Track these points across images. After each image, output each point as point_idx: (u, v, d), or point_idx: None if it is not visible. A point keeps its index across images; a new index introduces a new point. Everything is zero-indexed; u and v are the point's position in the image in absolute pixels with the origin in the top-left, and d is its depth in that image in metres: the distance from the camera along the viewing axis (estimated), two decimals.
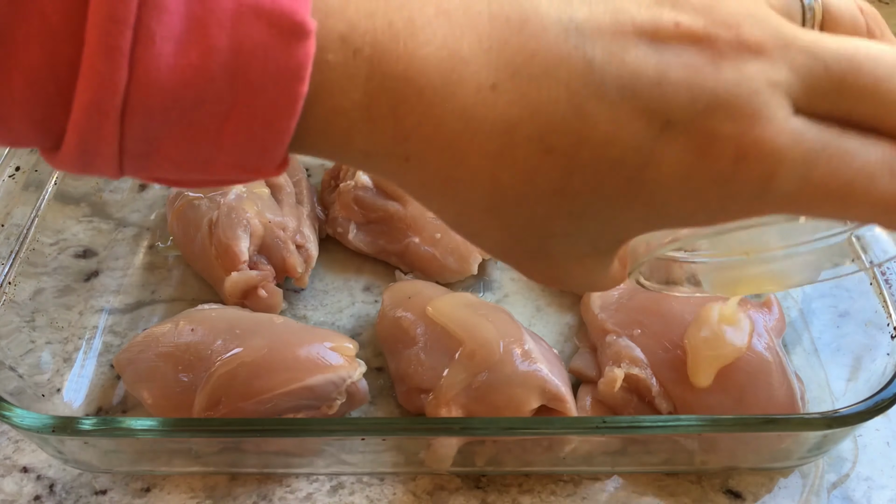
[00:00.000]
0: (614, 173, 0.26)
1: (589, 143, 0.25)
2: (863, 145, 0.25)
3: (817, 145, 0.25)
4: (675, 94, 0.25)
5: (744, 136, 0.25)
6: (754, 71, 0.25)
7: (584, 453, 0.44)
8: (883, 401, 0.40)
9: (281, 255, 0.53)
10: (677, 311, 0.47)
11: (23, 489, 0.46)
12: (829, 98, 0.25)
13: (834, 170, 0.25)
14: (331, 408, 0.44)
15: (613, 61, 0.25)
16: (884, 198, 0.25)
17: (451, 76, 0.25)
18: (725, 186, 0.25)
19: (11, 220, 0.51)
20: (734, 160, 0.25)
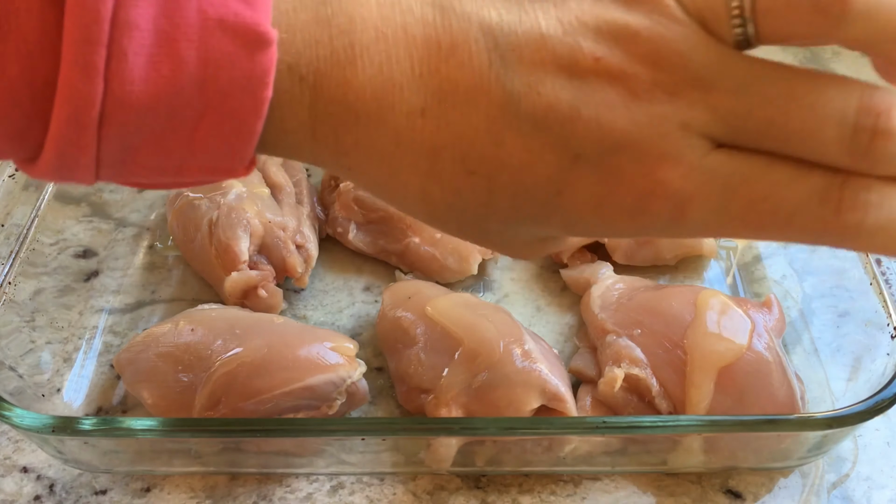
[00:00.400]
0: (530, 197, 0.27)
1: (506, 169, 0.27)
2: (791, 177, 0.26)
3: (736, 179, 0.26)
4: (586, 130, 0.26)
5: (650, 176, 0.26)
6: (667, 112, 0.25)
7: (584, 453, 0.44)
8: (883, 401, 0.40)
9: (281, 255, 0.53)
10: (677, 311, 0.47)
11: (23, 489, 0.46)
12: (752, 134, 0.26)
13: (752, 203, 0.26)
14: (331, 408, 0.44)
15: (530, 94, 0.26)
16: (806, 226, 0.26)
17: (385, 102, 0.26)
18: (636, 218, 0.27)
19: (11, 220, 0.51)
20: (641, 198, 0.26)
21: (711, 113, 0.25)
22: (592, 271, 0.54)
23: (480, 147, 0.26)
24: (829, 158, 0.26)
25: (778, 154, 0.26)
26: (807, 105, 0.25)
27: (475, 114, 0.26)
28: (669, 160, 0.25)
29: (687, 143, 0.25)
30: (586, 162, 0.26)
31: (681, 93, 0.25)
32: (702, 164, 0.26)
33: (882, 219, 0.26)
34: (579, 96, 0.25)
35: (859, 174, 0.26)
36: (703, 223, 0.27)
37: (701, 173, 0.26)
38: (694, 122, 0.25)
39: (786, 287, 0.55)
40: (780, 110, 0.25)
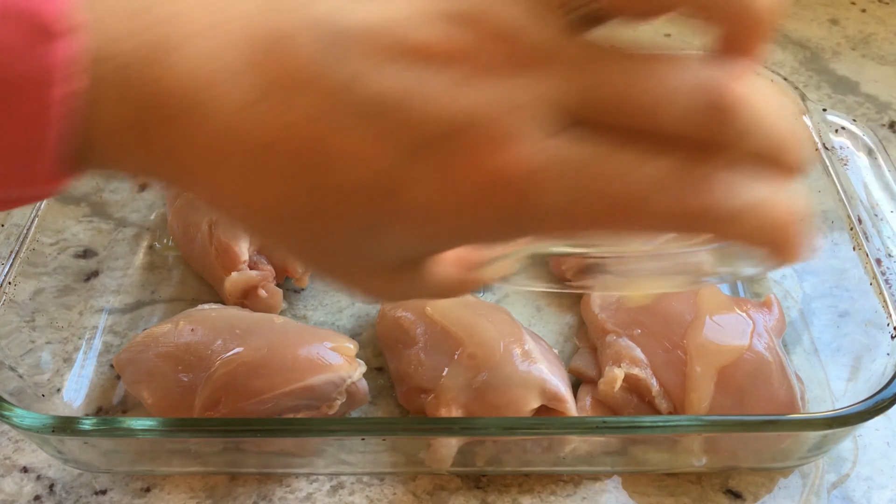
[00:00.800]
0: (363, 197, 0.25)
1: (336, 160, 0.25)
2: (642, 160, 0.24)
3: (583, 162, 0.24)
4: (423, 116, 0.24)
5: (491, 161, 0.24)
6: (508, 92, 0.24)
7: (584, 453, 0.44)
8: (883, 401, 0.40)
9: (281, 255, 0.53)
10: (677, 311, 0.47)
11: (23, 489, 0.46)
12: (606, 113, 0.24)
13: (603, 186, 0.24)
14: (331, 408, 0.44)
15: (361, 82, 0.24)
16: (662, 209, 0.24)
17: (208, 95, 0.24)
18: (484, 209, 0.25)
19: (11, 220, 0.51)
20: (483, 185, 0.24)
21: (556, 91, 0.24)
22: None
23: (312, 135, 0.24)
24: (678, 137, 0.24)
25: (627, 135, 0.24)
26: (653, 81, 0.24)
27: (306, 100, 0.24)
28: (514, 140, 0.24)
29: (532, 123, 0.24)
30: (425, 150, 0.24)
31: (522, 72, 0.24)
32: (549, 146, 0.24)
33: (734, 205, 0.25)
34: (414, 81, 0.24)
35: (710, 156, 0.25)
36: (552, 211, 0.24)
37: (551, 152, 0.24)
38: (538, 102, 0.24)
39: (786, 287, 0.55)
40: (625, 86, 0.24)
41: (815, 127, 0.55)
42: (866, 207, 0.50)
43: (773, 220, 0.26)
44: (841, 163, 0.53)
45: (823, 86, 0.74)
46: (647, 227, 0.25)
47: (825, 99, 0.72)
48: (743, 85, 0.24)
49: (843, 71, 0.75)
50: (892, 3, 0.83)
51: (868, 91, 0.73)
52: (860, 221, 0.49)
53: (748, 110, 0.24)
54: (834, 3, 0.83)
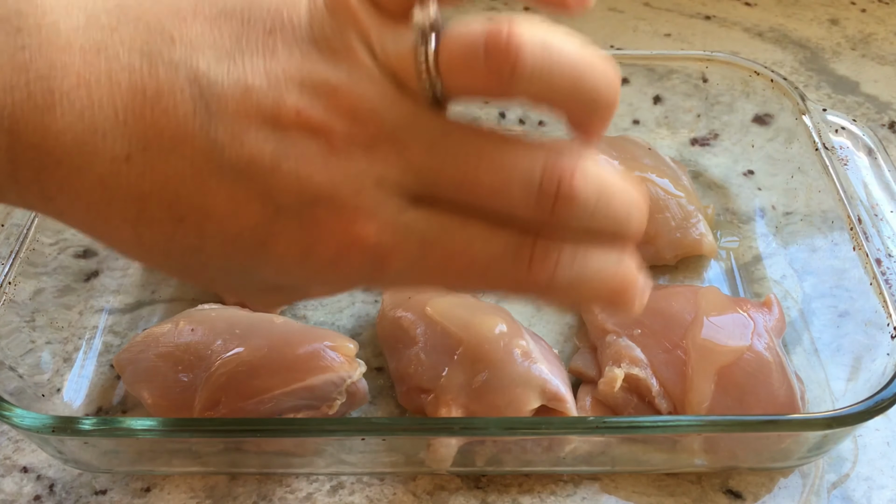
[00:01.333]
0: (239, 245, 0.28)
1: (213, 217, 0.27)
2: (485, 235, 0.27)
3: (432, 235, 0.27)
4: (286, 182, 0.26)
5: (347, 229, 0.26)
6: (362, 168, 0.26)
7: (584, 453, 0.44)
8: (883, 401, 0.40)
9: None
10: (677, 311, 0.47)
11: (22, 489, 0.46)
12: (448, 194, 0.27)
13: (449, 258, 0.27)
14: (331, 408, 0.44)
15: (233, 144, 0.26)
16: (501, 280, 0.27)
17: (87, 148, 0.26)
18: (340, 268, 0.27)
19: (11, 220, 0.51)
20: (341, 250, 0.27)
21: (406, 169, 0.26)
22: None
23: (187, 194, 0.27)
24: (520, 216, 0.27)
25: (474, 211, 0.27)
26: (496, 165, 0.26)
27: (180, 161, 0.26)
28: (365, 215, 0.26)
29: (382, 198, 0.26)
30: (288, 213, 0.26)
31: (376, 149, 0.26)
32: (398, 220, 0.27)
33: (571, 277, 0.28)
34: (281, 148, 0.26)
35: (551, 233, 0.27)
36: (403, 275, 0.28)
37: (397, 229, 0.27)
38: (389, 179, 0.26)
39: (786, 287, 0.55)
40: (469, 168, 0.26)
41: (814, 127, 0.55)
42: (866, 207, 0.50)
43: (606, 291, 0.29)
44: (841, 163, 0.53)
45: (823, 86, 0.74)
46: (485, 290, 0.29)
47: (825, 99, 0.72)
48: (581, 166, 0.27)
49: (843, 71, 0.75)
50: (893, 3, 0.83)
51: (868, 91, 0.73)
52: (860, 221, 0.49)
53: (584, 197, 0.27)
54: (834, 3, 0.83)
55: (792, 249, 0.57)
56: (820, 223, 0.54)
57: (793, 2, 0.84)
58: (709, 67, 0.62)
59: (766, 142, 0.61)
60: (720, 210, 0.61)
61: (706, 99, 0.64)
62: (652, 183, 0.56)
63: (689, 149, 0.65)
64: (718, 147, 0.65)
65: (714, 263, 0.57)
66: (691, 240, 0.55)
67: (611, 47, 0.78)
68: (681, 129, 0.66)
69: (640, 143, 0.60)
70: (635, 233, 0.29)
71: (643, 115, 0.66)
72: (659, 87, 0.66)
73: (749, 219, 0.60)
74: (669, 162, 0.59)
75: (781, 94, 0.58)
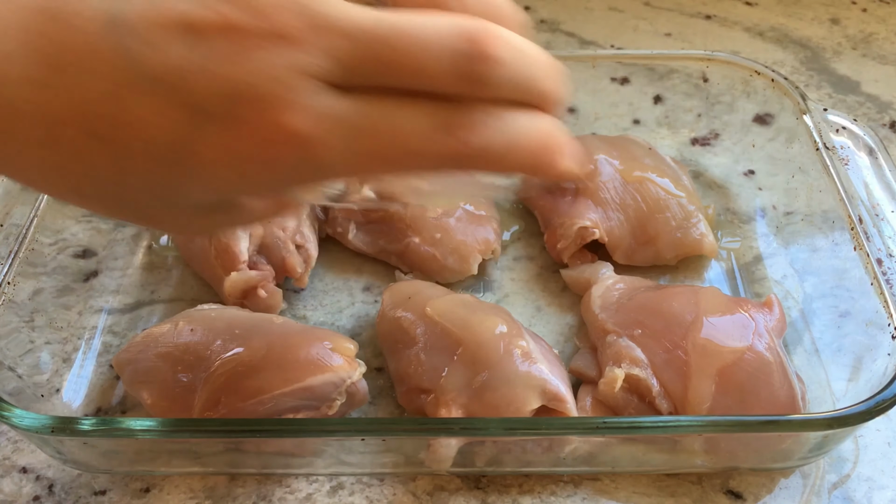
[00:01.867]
0: (164, 158, 0.28)
1: (133, 130, 0.27)
2: (411, 111, 0.27)
3: (358, 119, 0.27)
4: (207, 85, 0.26)
5: (271, 122, 0.26)
6: (279, 59, 0.26)
7: (584, 453, 0.44)
8: (884, 401, 0.40)
9: (280, 255, 0.53)
10: (678, 311, 0.47)
11: (22, 489, 0.46)
12: (370, 74, 0.27)
13: (381, 139, 0.27)
14: (331, 408, 0.44)
15: (149, 54, 0.26)
16: (433, 152, 0.28)
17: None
18: (271, 166, 0.27)
19: (11, 220, 0.51)
20: (267, 144, 0.27)
21: (325, 55, 0.26)
22: (593, 271, 0.54)
23: (103, 110, 0.27)
24: (444, 87, 0.27)
25: (398, 90, 0.27)
26: (413, 38, 0.27)
27: (94, 77, 0.26)
28: (288, 106, 0.26)
29: (304, 88, 0.26)
30: (211, 116, 0.26)
31: (292, 38, 0.26)
32: (323, 108, 0.27)
33: (498, 140, 0.28)
34: (196, 51, 0.26)
35: (474, 100, 0.28)
36: (336, 162, 0.28)
37: (323, 117, 0.27)
38: (309, 67, 0.26)
39: (786, 287, 0.55)
40: (390, 47, 0.27)
41: (815, 127, 0.55)
42: (867, 207, 0.50)
43: (531, 150, 0.29)
44: (842, 163, 0.52)
45: (824, 85, 0.74)
46: (420, 169, 0.29)
47: (826, 99, 0.72)
48: (494, 30, 0.27)
49: (843, 70, 0.75)
50: (893, 3, 0.83)
51: (869, 91, 0.73)
52: (861, 221, 0.49)
53: (502, 56, 0.27)
54: (835, 3, 0.83)
55: (793, 249, 0.57)
56: (821, 223, 0.54)
57: (794, 1, 0.84)
58: (709, 67, 0.62)
59: (766, 141, 0.61)
60: (721, 210, 0.61)
61: (707, 99, 0.64)
62: (652, 183, 0.56)
63: (690, 148, 0.65)
64: (719, 147, 0.65)
65: (715, 263, 0.57)
66: (692, 240, 0.55)
67: (611, 47, 0.78)
68: (681, 128, 0.66)
69: (640, 142, 0.60)
70: (555, 94, 0.30)
71: (643, 115, 0.66)
72: (659, 86, 0.66)
73: (750, 219, 0.60)
74: (670, 162, 0.59)
75: (782, 94, 0.58)
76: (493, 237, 0.56)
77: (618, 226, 0.55)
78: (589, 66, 0.64)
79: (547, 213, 0.58)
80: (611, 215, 0.55)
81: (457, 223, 0.55)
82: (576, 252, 0.56)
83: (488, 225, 0.56)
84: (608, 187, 0.56)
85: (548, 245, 0.57)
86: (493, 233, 0.56)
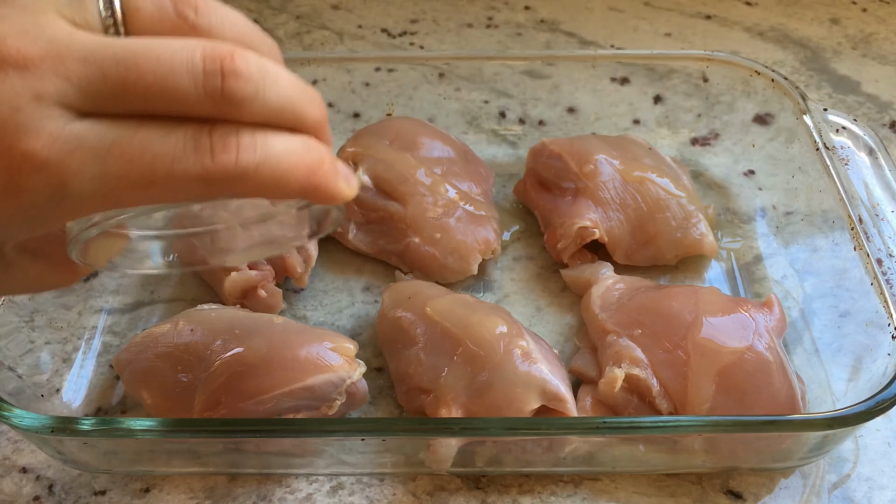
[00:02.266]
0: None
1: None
2: (162, 133, 0.27)
3: (105, 144, 0.27)
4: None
5: (13, 151, 0.26)
6: (16, 87, 0.26)
7: (584, 453, 0.44)
8: (884, 401, 0.40)
9: (280, 255, 0.53)
10: (678, 311, 0.47)
11: (22, 489, 0.46)
12: (116, 98, 0.27)
13: (130, 162, 0.27)
14: (330, 408, 0.44)
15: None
16: (189, 175, 0.27)
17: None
18: (19, 197, 0.27)
19: None
20: (12, 175, 0.26)
21: (65, 82, 0.26)
22: (593, 271, 0.54)
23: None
24: (194, 109, 0.27)
25: (146, 114, 0.27)
26: (154, 59, 0.27)
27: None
28: (28, 133, 0.26)
29: (45, 114, 0.26)
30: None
31: (30, 66, 0.26)
32: (65, 133, 0.26)
33: (258, 160, 0.28)
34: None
35: (227, 121, 0.28)
36: (89, 191, 0.27)
37: (66, 142, 0.26)
38: (47, 93, 0.26)
39: (786, 287, 0.55)
40: (129, 68, 0.26)
41: (815, 127, 0.55)
42: (867, 207, 0.50)
43: (300, 173, 0.29)
44: (842, 163, 0.52)
45: (824, 85, 0.74)
46: (176, 195, 0.28)
47: (826, 99, 0.72)
48: (237, 49, 0.27)
49: (843, 70, 0.75)
50: (893, 3, 0.83)
51: (869, 91, 0.73)
52: (861, 221, 0.49)
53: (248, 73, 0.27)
54: (835, 3, 0.83)
55: (793, 249, 0.57)
56: (821, 223, 0.54)
57: (793, 1, 0.84)
58: (709, 67, 0.62)
59: (766, 141, 0.61)
60: (721, 210, 0.61)
61: (707, 99, 0.64)
62: (652, 183, 0.56)
63: (690, 148, 0.65)
64: (719, 147, 0.65)
65: (715, 263, 0.57)
66: (692, 240, 0.55)
67: (611, 47, 0.78)
68: (681, 128, 0.66)
69: (640, 142, 0.60)
70: (315, 116, 0.30)
71: (644, 115, 0.66)
72: (659, 86, 0.66)
73: (750, 219, 0.60)
74: (670, 162, 0.59)
75: (782, 94, 0.58)
76: (493, 237, 0.56)
77: (618, 226, 0.55)
78: (589, 66, 0.64)
79: (547, 213, 0.58)
80: (611, 215, 0.55)
81: (457, 223, 0.55)
82: (576, 252, 0.56)
83: (488, 225, 0.56)
84: (608, 187, 0.56)
85: (548, 245, 0.57)
86: (493, 233, 0.56)
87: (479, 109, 0.67)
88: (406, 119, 0.64)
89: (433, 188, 0.56)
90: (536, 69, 0.67)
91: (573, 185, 0.57)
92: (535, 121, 0.67)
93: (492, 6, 0.84)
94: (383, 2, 0.85)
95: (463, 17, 0.83)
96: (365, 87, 0.66)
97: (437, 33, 0.81)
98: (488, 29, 0.81)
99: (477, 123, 0.67)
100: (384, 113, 0.67)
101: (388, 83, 0.67)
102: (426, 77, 0.66)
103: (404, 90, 0.67)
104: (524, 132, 0.67)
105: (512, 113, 0.67)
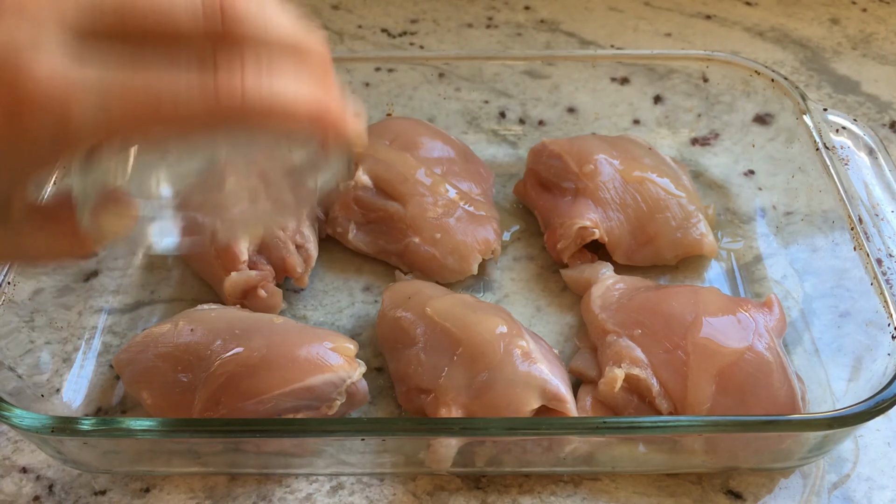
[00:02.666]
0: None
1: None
2: (165, 60, 0.27)
3: (108, 76, 0.26)
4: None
5: (15, 88, 0.25)
6: (13, 27, 0.25)
7: (584, 453, 0.44)
8: (884, 401, 0.40)
9: (280, 255, 0.53)
10: (678, 311, 0.47)
11: (22, 489, 0.46)
12: (116, 32, 0.26)
13: (133, 91, 0.26)
14: (330, 408, 0.44)
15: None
16: (194, 98, 0.27)
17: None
18: (24, 137, 0.26)
19: None
20: (15, 113, 0.26)
21: (62, 14, 0.26)
22: (593, 271, 0.54)
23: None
24: (195, 35, 0.27)
25: (147, 46, 0.27)
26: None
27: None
28: (29, 68, 0.25)
29: (45, 48, 0.26)
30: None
31: (28, 5, 0.26)
32: (67, 67, 0.26)
33: (264, 93, 0.27)
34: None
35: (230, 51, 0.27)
36: (92, 125, 0.26)
37: (68, 75, 0.26)
38: (46, 27, 0.26)
39: (786, 287, 0.55)
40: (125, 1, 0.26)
41: (815, 127, 0.55)
42: (867, 207, 0.50)
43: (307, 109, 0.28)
44: (842, 162, 0.52)
45: (824, 85, 0.74)
46: (181, 124, 0.27)
47: (826, 99, 0.72)
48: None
49: (843, 70, 0.75)
50: (893, 3, 0.83)
51: (869, 91, 0.73)
52: (861, 221, 0.49)
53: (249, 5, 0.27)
54: (835, 3, 0.83)
55: (793, 249, 0.57)
56: (821, 223, 0.54)
57: (793, 1, 0.84)
58: (709, 67, 0.62)
59: (766, 141, 0.61)
60: (721, 210, 0.61)
61: (707, 99, 0.64)
62: (652, 183, 0.56)
63: (690, 149, 0.65)
64: (719, 147, 0.65)
65: (715, 263, 0.57)
66: (692, 240, 0.55)
67: (611, 47, 0.78)
68: (681, 128, 0.66)
69: (640, 142, 0.60)
70: (320, 51, 0.29)
71: (643, 115, 0.66)
72: (659, 86, 0.66)
73: (750, 219, 0.60)
74: (670, 162, 0.59)
75: (782, 94, 0.58)
76: (493, 237, 0.56)
77: (618, 226, 0.55)
78: (589, 66, 0.64)
79: (547, 213, 0.58)
80: (611, 215, 0.55)
81: (457, 223, 0.55)
82: (576, 252, 0.56)
83: (488, 225, 0.56)
84: (608, 187, 0.56)
85: (548, 245, 0.57)
86: (493, 233, 0.56)
87: (479, 109, 0.67)
88: (406, 119, 0.64)
89: (433, 188, 0.56)
90: (536, 69, 0.67)
91: (573, 185, 0.57)
92: (535, 121, 0.67)
93: (492, 6, 0.84)
94: (383, 2, 0.85)
95: (463, 17, 0.83)
96: (365, 87, 0.66)
97: (437, 33, 0.81)
98: (488, 29, 0.81)
99: (477, 123, 0.67)
100: (384, 113, 0.67)
101: (388, 83, 0.67)
102: (426, 77, 0.66)
103: (404, 90, 0.67)
104: (524, 132, 0.67)
105: (512, 113, 0.67)
